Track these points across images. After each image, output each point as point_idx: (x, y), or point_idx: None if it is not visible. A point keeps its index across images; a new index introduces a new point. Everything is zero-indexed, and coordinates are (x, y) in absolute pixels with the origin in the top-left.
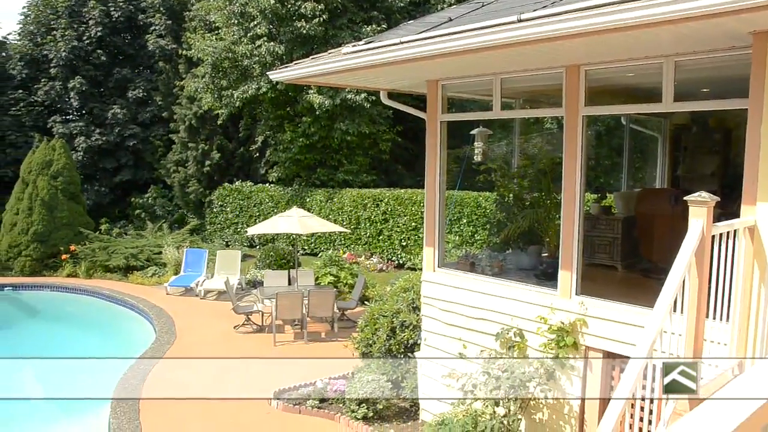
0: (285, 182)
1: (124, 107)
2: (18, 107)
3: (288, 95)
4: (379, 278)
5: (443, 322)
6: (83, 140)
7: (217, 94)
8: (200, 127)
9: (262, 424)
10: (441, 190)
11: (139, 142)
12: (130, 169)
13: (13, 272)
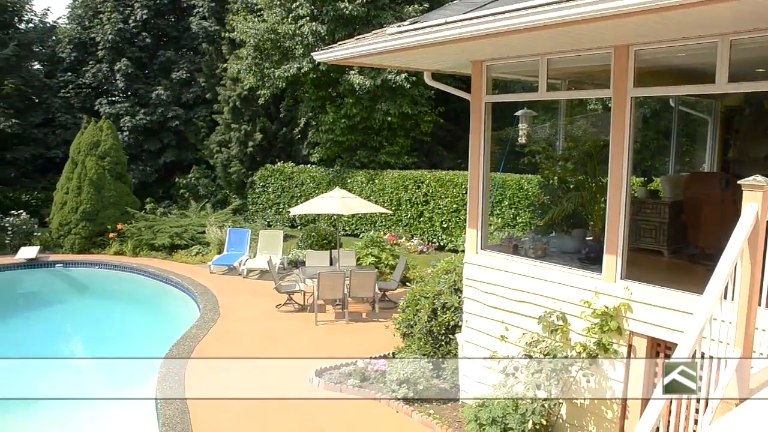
0: (326, 163)
1: (168, 88)
2: (67, 89)
3: (330, 76)
4: (419, 260)
5: (485, 305)
6: (128, 120)
7: (260, 75)
8: (243, 108)
9: (304, 401)
10: (485, 172)
11: (182, 123)
12: (174, 150)
13: (63, 249)
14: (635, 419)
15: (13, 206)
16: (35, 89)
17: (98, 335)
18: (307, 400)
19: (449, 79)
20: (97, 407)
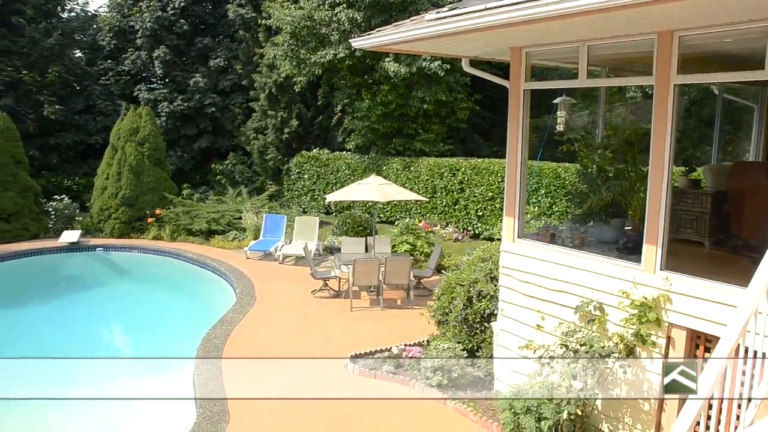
0: (362, 150)
1: (205, 75)
2: (107, 77)
3: (366, 63)
4: (454, 248)
5: (521, 293)
6: (166, 106)
7: (296, 61)
8: (279, 95)
9: (339, 386)
10: (522, 160)
11: (218, 110)
12: (209, 136)
13: (103, 234)
14: (672, 413)
15: (55, 191)
16: (77, 77)
17: (137, 318)
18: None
19: (485, 66)
20: (135, 386)
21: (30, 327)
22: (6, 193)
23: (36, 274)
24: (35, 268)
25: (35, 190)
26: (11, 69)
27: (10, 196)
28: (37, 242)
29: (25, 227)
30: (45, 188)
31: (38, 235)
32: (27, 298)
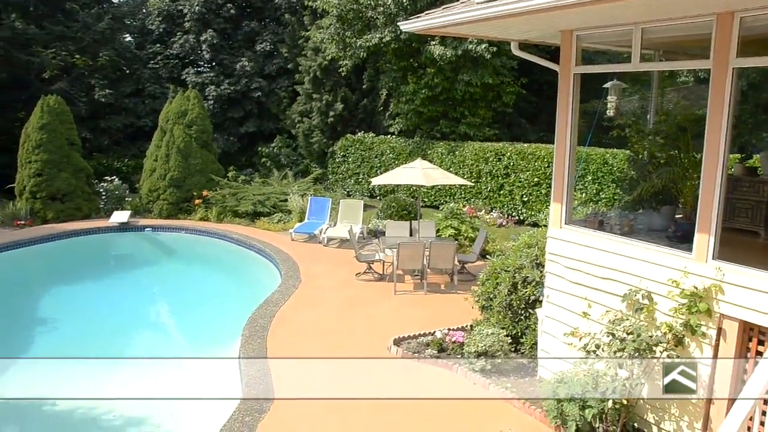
0: (407, 134)
1: (251, 60)
2: (156, 60)
3: (411, 46)
4: (498, 233)
5: (567, 280)
6: (213, 89)
7: (342, 45)
8: (324, 79)
9: (382, 368)
10: (571, 146)
11: (264, 94)
12: (255, 120)
13: (152, 214)
14: (722, 405)
15: (106, 172)
16: (127, 60)
17: (184, 297)
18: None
19: (533, 50)
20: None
21: (82, 304)
22: (60, 173)
23: (88, 253)
24: (87, 247)
25: (87, 171)
26: (65, 53)
27: (64, 176)
28: (88, 222)
29: (77, 207)
30: (96, 169)
31: (90, 215)
32: (79, 276)
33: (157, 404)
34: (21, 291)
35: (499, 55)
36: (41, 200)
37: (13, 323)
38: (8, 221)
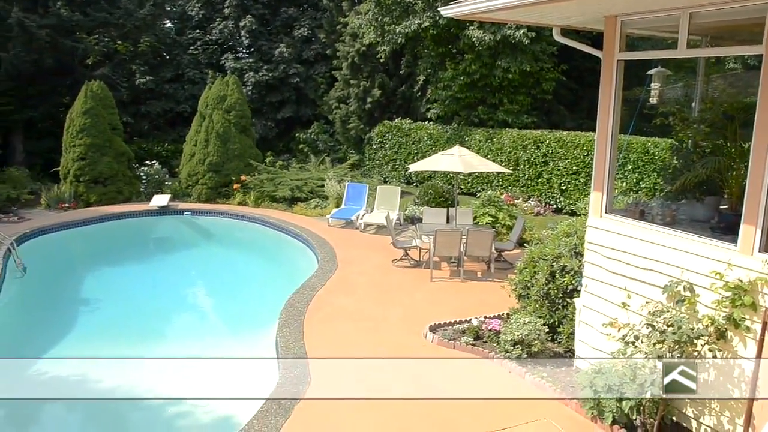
0: (444, 120)
1: (289, 46)
2: (195, 46)
3: (450, 32)
4: (536, 221)
5: (607, 270)
6: (252, 75)
7: (380, 30)
8: (362, 64)
9: (418, 354)
10: (613, 134)
11: (302, 80)
12: (293, 105)
13: (191, 198)
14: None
15: (146, 157)
16: (167, 46)
17: (222, 280)
18: (420, 354)
19: (574, 36)
20: (224, 348)
21: (123, 285)
22: (103, 157)
23: (129, 236)
24: (128, 229)
25: (129, 155)
26: (108, 40)
27: (106, 160)
28: (129, 205)
29: (119, 191)
30: (136, 154)
31: (131, 198)
32: (121, 258)
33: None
34: (66, 272)
35: (539, 41)
36: (84, 183)
37: (58, 302)
38: (53, 204)
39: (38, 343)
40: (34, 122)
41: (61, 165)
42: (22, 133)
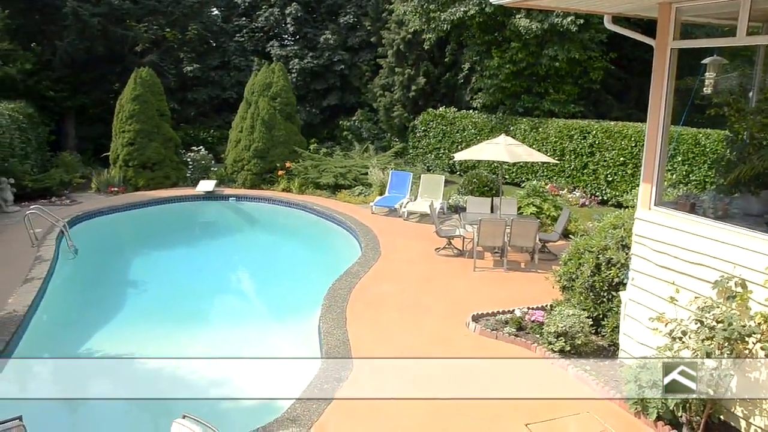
0: (489, 109)
1: (334, 33)
2: (241, 33)
3: (496, 20)
4: (581, 213)
5: (654, 264)
6: (297, 62)
7: (425, 17)
8: (407, 52)
9: (460, 344)
10: (665, 124)
11: (347, 67)
12: (337, 93)
13: (236, 184)
14: None
15: (193, 143)
16: (214, 34)
17: (266, 265)
18: (462, 344)
19: (624, 23)
20: (268, 332)
21: (168, 268)
22: (151, 143)
23: (175, 220)
24: (175, 213)
25: (176, 141)
26: (156, 27)
27: (154, 146)
28: (176, 190)
29: (166, 176)
30: (183, 140)
31: (177, 183)
32: (167, 242)
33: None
34: (114, 254)
35: (587, 29)
36: (133, 168)
37: (107, 283)
38: (103, 188)
39: (89, 322)
40: (86, 108)
41: (110, 150)
42: (74, 119)
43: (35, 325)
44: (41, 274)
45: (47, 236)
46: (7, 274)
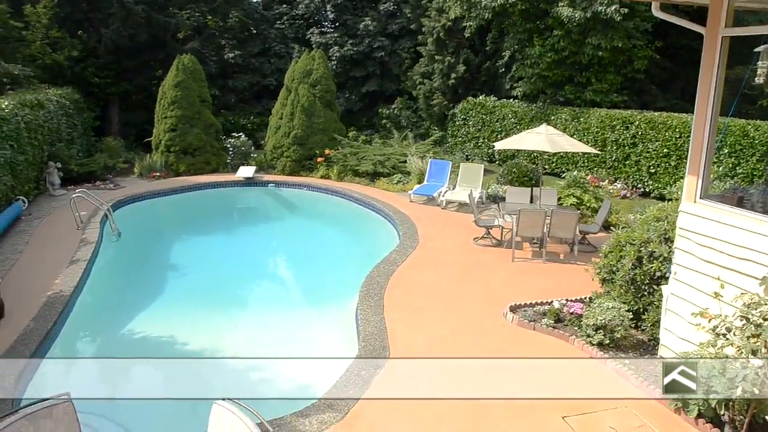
0: (529, 98)
1: (374, 19)
2: (282, 21)
3: (538, 8)
4: (622, 205)
5: (698, 258)
6: (337, 50)
7: (466, 5)
8: (447, 40)
9: (497, 334)
10: (713, 115)
11: (387, 54)
12: (377, 80)
13: (275, 170)
14: None
15: (233, 129)
16: (254, 21)
17: (304, 251)
18: (499, 334)
19: (671, 10)
20: (305, 316)
21: (208, 252)
22: (192, 129)
23: (215, 205)
24: (215, 199)
25: (216, 127)
26: (198, 14)
27: (195, 132)
28: (216, 175)
29: (207, 161)
30: (223, 126)
31: (218, 169)
32: (206, 226)
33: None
34: (156, 237)
35: (632, 17)
36: (175, 154)
37: (149, 266)
38: (146, 173)
39: (130, 303)
40: (129, 94)
41: (153, 135)
42: (118, 104)
43: (80, 305)
44: (86, 256)
45: (92, 219)
46: (54, 255)
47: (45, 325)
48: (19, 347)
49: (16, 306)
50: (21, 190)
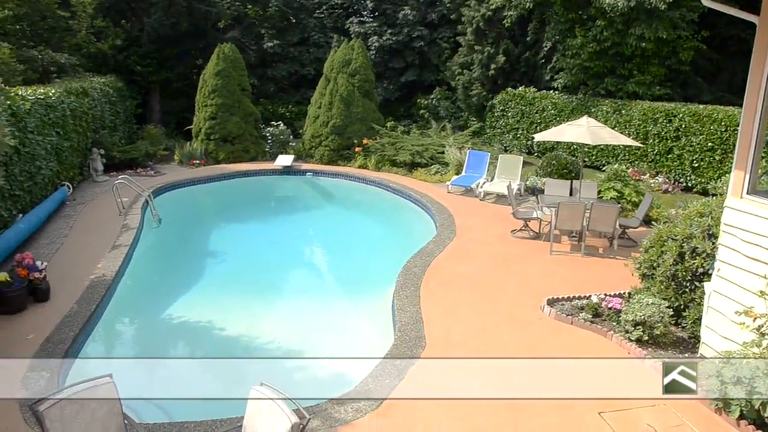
0: (570, 90)
1: (414, 8)
2: (321, 10)
3: None
4: (663, 199)
5: (744, 255)
6: (376, 39)
7: None
8: (487, 30)
9: (534, 327)
10: (763, 108)
11: (426, 44)
12: (416, 70)
13: (313, 160)
14: None
15: (271, 118)
16: (294, 10)
17: (341, 240)
18: (536, 327)
19: None
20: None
21: (246, 239)
22: (232, 117)
23: (254, 193)
24: (253, 186)
25: (255, 115)
26: (238, 4)
27: (234, 120)
28: (255, 164)
29: (245, 149)
30: (262, 115)
31: (256, 157)
32: (245, 214)
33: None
34: (195, 224)
35: (678, 7)
36: (214, 141)
37: (188, 252)
38: (186, 160)
39: (169, 288)
40: (170, 83)
41: (193, 123)
42: (159, 93)
43: (121, 289)
44: (127, 241)
45: (133, 205)
46: (97, 239)
47: (88, 307)
48: (63, 329)
49: (60, 289)
50: (66, 175)
